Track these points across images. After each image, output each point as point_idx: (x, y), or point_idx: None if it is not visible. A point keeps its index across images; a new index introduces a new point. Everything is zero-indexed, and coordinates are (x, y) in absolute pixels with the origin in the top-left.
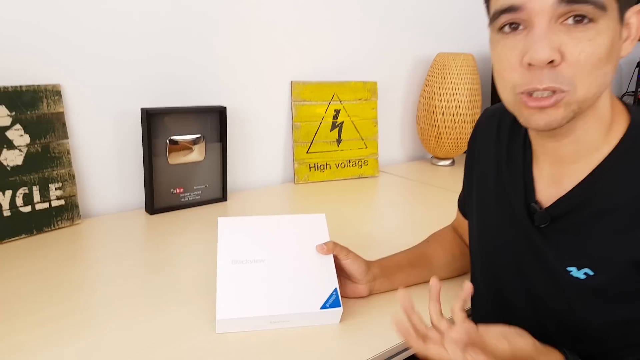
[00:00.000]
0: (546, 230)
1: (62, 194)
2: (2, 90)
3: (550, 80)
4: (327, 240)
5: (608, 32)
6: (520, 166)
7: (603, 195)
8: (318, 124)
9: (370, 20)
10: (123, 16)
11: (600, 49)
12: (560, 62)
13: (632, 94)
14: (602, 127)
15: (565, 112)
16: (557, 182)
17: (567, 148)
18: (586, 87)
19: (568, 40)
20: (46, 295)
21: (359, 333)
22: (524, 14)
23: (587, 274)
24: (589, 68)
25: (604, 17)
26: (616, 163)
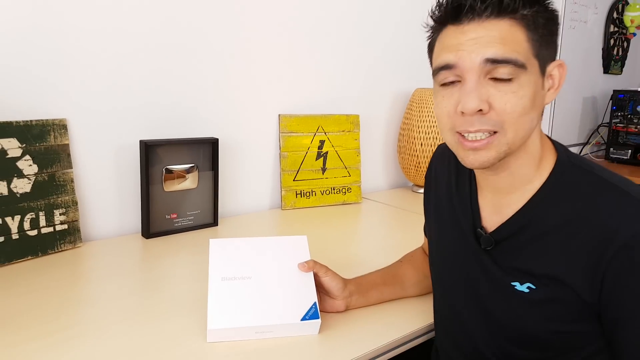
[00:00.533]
0: (492, 251)
1: (66, 219)
2: (15, 124)
3: (480, 124)
4: (308, 259)
5: (530, 85)
6: (468, 196)
7: (538, 221)
8: (304, 154)
9: (353, 58)
10: (123, 58)
11: (523, 100)
12: (489, 111)
13: (607, 125)
14: (533, 163)
15: (497, 153)
16: (499, 211)
17: (504, 181)
18: (514, 131)
19: (495, 93)
20: (50, 310)
21: (336, 343)
22: (458, 70)
23: (530, 288)
24: (515, 115)
25: (525, 73)
26: (547, 193)
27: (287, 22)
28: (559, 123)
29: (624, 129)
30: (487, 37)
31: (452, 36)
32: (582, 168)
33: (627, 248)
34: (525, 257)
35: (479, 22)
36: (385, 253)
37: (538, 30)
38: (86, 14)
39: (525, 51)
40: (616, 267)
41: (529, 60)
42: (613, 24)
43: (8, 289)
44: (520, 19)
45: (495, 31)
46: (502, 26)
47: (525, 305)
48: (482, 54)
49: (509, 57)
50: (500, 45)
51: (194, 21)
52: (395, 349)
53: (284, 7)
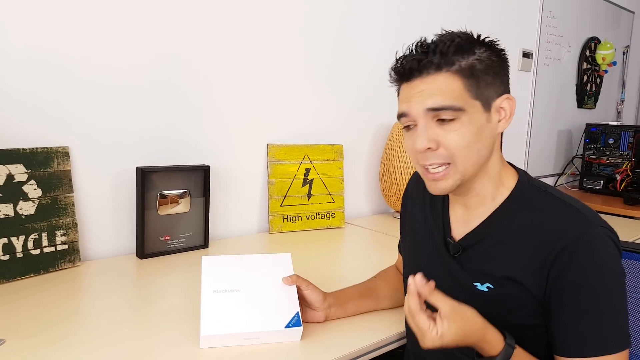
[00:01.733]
0: (459, 257)
1: (66, 239)
2: (21, 151)
3: (433, 158)
4: (291, 274)
5: (472, 123)
6: (440, 212)
7: (498, 230)
8: (291, 181)
9: (337, 92)
10: (121, 91)
11: (466, 136)
12: (438, 147)
13: (580, 156)
14: (495, 183)
15: (453, 181)
16: (466, 223)
17: (471, 200)
18: (463, 162)
19: (440, 132)
20: (52, 321)
21: (316, 348)
22: (411, 118)
23: (489, 287)
24: (460, 149)
25: (465, 114)
26: (508, 207)
27: (276, 58)
28: (535, 154)
29: (596, 160)
30: (428, 90)
31: (405, 91)
32: (538, 187)
33: (567, 248)
34: (487, 261)
35: (421, 79)
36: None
37: (475, 76)
38: (89, 49)
39: (461, 97)
40: (558, 265)
41: (467, 103)
42: (586, 62)
43: (13, 302)
44: (456, 70)
45: (434, 84)
46: (440, 80)
47: (486, 303)
48: (425, 104)
49: (446, 104)
50: (438, 95)
51: (188, 56)
52: (370, 353)
53: (273, 44)
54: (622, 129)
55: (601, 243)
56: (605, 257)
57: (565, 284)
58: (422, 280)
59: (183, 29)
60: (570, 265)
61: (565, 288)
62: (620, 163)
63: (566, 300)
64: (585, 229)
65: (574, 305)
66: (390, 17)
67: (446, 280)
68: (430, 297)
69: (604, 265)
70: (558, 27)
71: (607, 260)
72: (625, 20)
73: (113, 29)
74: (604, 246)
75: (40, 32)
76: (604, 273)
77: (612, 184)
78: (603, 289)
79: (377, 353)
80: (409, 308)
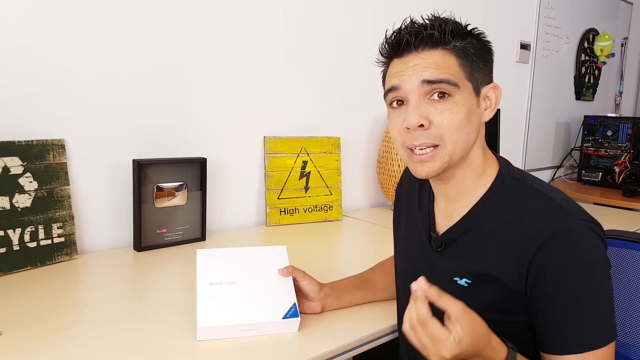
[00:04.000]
0: (442, 252)
1: (63, 232)
2: (17, 144)
3: (423, 138)
4: (287, 265)
5: (464, 103)
6: (426, 206)
7: (479, 224)
8: (288, 174)
9: (334, 84)
10: (117, 84)
11: (458, 116)
12: (429, 126)
13: (579, 149)
14: (476, 173)
15: (440, 163)
16: (449, 217)
17: (452, 190)
18: (453, 144)
19: (433, 111)
20: (49, 313)
21: (313, 340)
22: (401, 92)
23: (468, 282)
24: (451, 129)
25: (458, 92)
26: (487, 201)
27: (272, 51)
28: (533, 147)
29: (595, 152)
30: (424, 64)
31: (397, 66)
32: (518, 179)
33: (547, 244)
34: (467, 256)
35: (416, 54)
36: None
37: (469, 58)
38: (84, 43)
39: (457, 74)
40: (538, 261)
41: (461, 81)
42: (584, 53)
43: (10, 295)
44: (452, 49)
45: (430, 59)
46: (436, 55)
47: (465, 298)
48: (419, 76)
49: (442, 77)
50: (434, 69)
51: (186, 51)
52: (367, 344)
53: (270, 36)
54: (620, 120)
55: (582, 237)
56: (587, 251)
57: (547, 280)
58: (426, 284)
59: (178, 23)
60: (551, 261)
61: (548, 284)
62: (618, 155)
63: (549, 297)
64: (564, 223)
65: (557, 301)
66: (382, 7)
67: (428, 275)
68: (439, 300)
69: (585, 260)
70: (556, 18)
71: (588, 254)
72: (623, 11)
73: (108, 24)
74: (585, 240)
75: (36, 27)
76: (586, 267)
77: (611, 176)
78: (585, 284)
79: (374, 344)
80: (420, 316)
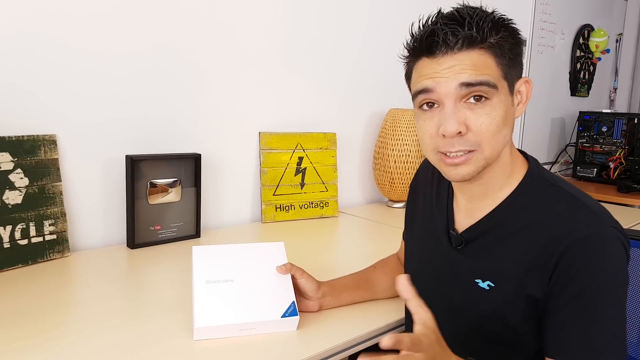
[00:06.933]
0: (461, 250)
1: (55, 229)
2: (7, 139)
3: (460, 145)
4: (285, 262)
5: (501, 105)
6: (445, 202)
7: (503, 224)
8: (283, 170)
9: (330, 79)
10: (110, 78)
11: (496, 119)
12: (467, 132)
13: (574, 144)
14: (504, 173)
15: (475, 167)
16: (471, 215)
17: (478, 189)
18: (491, 148)
19: (471, 115)
20: (41, 311)
21: (312, 338)
22: (435, 95)
23: (490, 286)
24: (490, 134)
25: (496, 94)
26: (515, 200)
27: (268, 45)
28: (528, 142)
29: (590, 148)
30: (461, 66)
31: (429, 66)
32: (547, 180)
33: (575, 246)
34: (490, 257)
35: (451, 55)
36: (358, 261)
37: (505, 55)
38: (75, 34)
39: (495, 74)
40: (564, 262)
41: (499, 81)
42: (579, 49)
43: (0, 293)
44: (488, 47)
45: (467, 60)
46: (473, 55)
47: (486, 301)
48: (457, 79)
49: (482, 79)
50: (473, 70)
51: (180, 43)
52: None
53: (265, 31)
54: (615, 116)
55: (611, 245)
56: (614, 260)
57: (569, 282)
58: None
59: (174, 14)
60: (576, 264)
61: (568, 286)
62: (613, 151)
63: (566, 300)
64: (595, 228)
65: (573, 305)
66: (378, 2)
67: (446, 274)
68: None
69: (612, 269)
70: (551, 14)
71: (615, 264)
72: (618, 7)
73: (100, 14)
74: (613, 248)
75: (24, 17)
76: (611, 277)
77: (606, 172)
78: (607, 294)
79: (373, 342)
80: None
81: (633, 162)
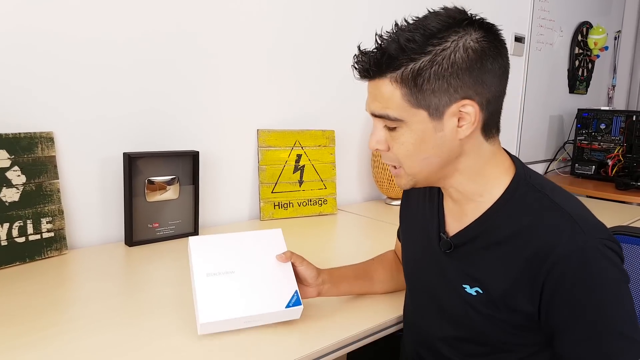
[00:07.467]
0: (450, 255)
1: (52, 227)
2: (4, 136)
3: (384, 158)
4: (285, 251)
5: (411, 133)
6: (436, 204)
7: (490, 232)
8: (282, 167)
9: (328, 76)
10: (107, 74)
11: (405, 146)
12: (388, 149)
13: (572, 142)
14: (476, 181)
15: (406, 181)
16: (459, 218)
17: (455, 194)
18: (410, 168)
19: (389, 137)
20: (39, 309)
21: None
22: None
23: (478, 292)
24: (402, 157)
25: (404, 124)
26: (500, 207)
27: (267, 43)
28: (527, 140)
29: (588, 145)
30: (372, 94)
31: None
32: (534, 187)
33: (562, 264)
34: (477, 264)
35: (371, 81)
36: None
37: (419, 85)
38: (73, 30)
39: (400, 107)
40: (552, 280)
41: (406, 112)
42: (578, 46)
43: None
44: (397, 78)
45: (377, 89)
46: (381, 84)
47: (473, 307)
48: (370, 107)
49: (382, 113)
50: (377, 102)
51: (178, 40)
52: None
53: (264, 28)
54: (613, 114)
55: (599, 257)
56: (603, 270)
57: (563, 301)
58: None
59: (172, 12)
60: (564, 282)
61: (564, 305)
62: (611, 148)
63: (566, 318)
64: (579, 243)
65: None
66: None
67: (436, 277)
68: None
69: (602, 280)
70: (550, 11)
71: (605, 274)
72: (617, 4)
73: (98, 9)
74: (602, 260)
75: (20, 13)
76: (603, 288)
77: (604, 169)
78: (603, 304)
79: (372, 339)
80: None
81: (631, 160)
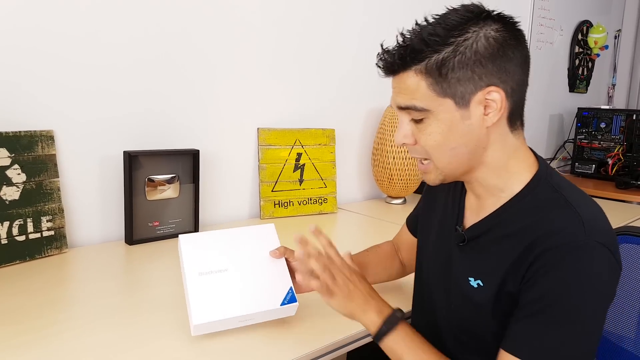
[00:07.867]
0: (463, 248)
1: (52, 225)
2: (4, 135)
3: (412, 153)
4: (278, 246)
5: (439, 123)
6: (458, 198)
7: (501, 226)
8: (282, 166)
9: (329, 75)
10: (108, 73)
11: (433, 136)
12: (415, 143)
13: (572, 141)
14: (499, 175)
15: (435, 176)
16: (477, 213)
17: (478, 189)
18: (439, 161)
19: (415, 130)
20: (39, 308)
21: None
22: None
23: (479, 285)
24: (430, 149)
25: (431, 114)
26: (516, 203)
27: (267, 42)
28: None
29: (588, 144)
30: (397, 88)
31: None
32: (553, 186)
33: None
34: (483, 257)
35: (394, 76)
36: None
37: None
38: (73, 30)
39: (426, 97)
40: (533, 267)
41: (433, 102)
42: (578, 45)
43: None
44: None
45: (402, 83)
46: (406, 77)
47: (475, 300)
48: (395, 101)
49: (409, 104)
50: (403, 94)
51: (178, 38)
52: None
53: (264, 27)
54: (613, 113)
55: (590, 262)
56: (589, 277)
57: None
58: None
59: (172, 10)
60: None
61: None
62: (612, 147)
63: (527, 300)
64: (578, 241)
65: (531, 308)
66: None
67: (445, 269)
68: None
69: (581, 284)
70: (550, 10)
71: (588, 280)
72: (617, 3)
73: (98, 8)
74: (592, 266)
75: (18, 12)
76: (579, 293)
77: (604, 168)
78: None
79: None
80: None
81: (631, 159)
